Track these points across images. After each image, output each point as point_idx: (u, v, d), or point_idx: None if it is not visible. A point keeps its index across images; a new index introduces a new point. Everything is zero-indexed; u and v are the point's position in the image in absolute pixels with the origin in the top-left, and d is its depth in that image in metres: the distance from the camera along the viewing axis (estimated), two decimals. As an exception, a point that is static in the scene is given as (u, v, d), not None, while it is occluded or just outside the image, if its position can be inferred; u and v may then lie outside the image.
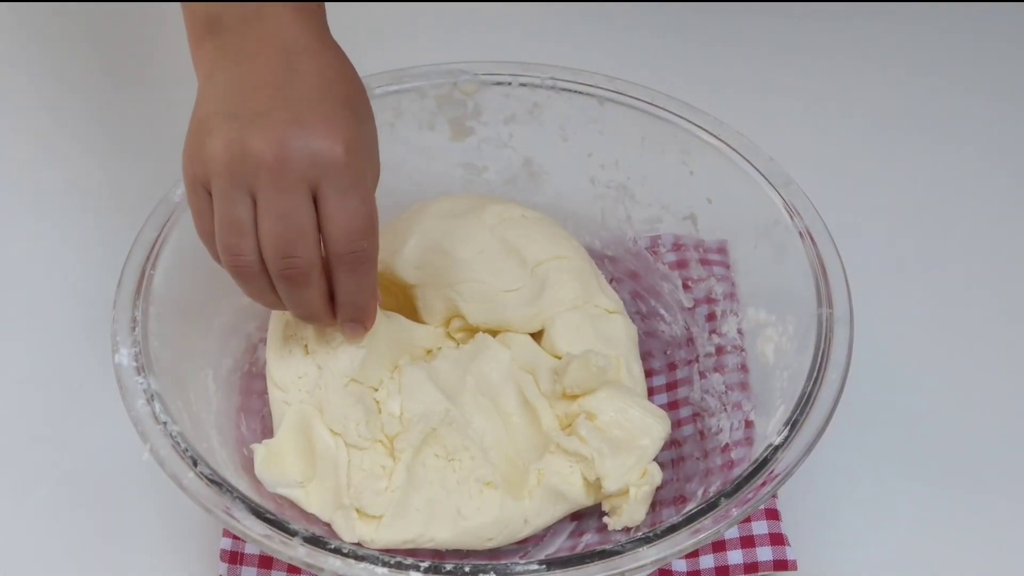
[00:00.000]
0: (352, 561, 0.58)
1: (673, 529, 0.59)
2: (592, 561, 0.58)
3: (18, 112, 0.94)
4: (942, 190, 0.90)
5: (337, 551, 0.58)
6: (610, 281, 0.79)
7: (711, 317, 0.76)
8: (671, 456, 0.72)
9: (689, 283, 0.78)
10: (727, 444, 0.69)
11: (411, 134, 0.79)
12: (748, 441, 0.68)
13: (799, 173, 0.72)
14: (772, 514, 0.69)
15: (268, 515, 0.59)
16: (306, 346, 0.71)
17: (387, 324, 0.72)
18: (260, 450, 0.68)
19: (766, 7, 1.01)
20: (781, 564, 0.68)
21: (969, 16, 1.02)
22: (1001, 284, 0.84)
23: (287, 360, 0.71)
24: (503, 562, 0.59)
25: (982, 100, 0.96)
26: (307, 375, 0.70)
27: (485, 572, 0.57)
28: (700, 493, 0.67)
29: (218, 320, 0.73)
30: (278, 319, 0.73)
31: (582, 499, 0.69)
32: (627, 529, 0.68)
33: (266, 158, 0.59)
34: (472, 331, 0.74)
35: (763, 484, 0.61)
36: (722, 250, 0.78)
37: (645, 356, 0.76)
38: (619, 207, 0.80)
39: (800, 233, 0.70)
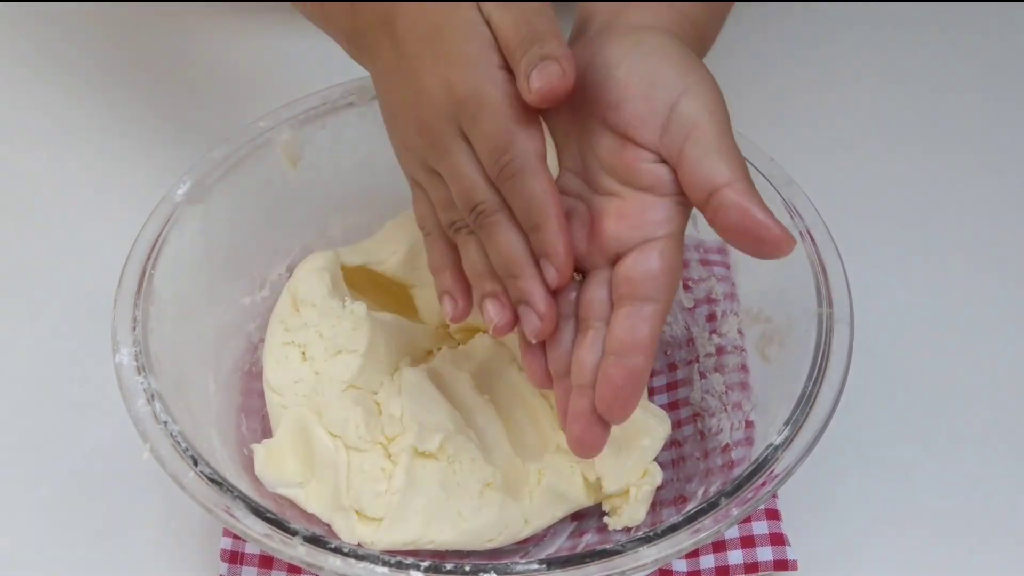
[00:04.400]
0: (352, 560, 0.57)
1: (673, 529, 0.59)
2: (592, 561, 0.58)
3: (18, 111, 0.93)
4: (943, 190, 0.90)
5: (337, 550, 0.58)
6: (610, 281, 0.79)
7: (711, 317, 0.76)
8: (671, 456, 0.72)
9: (689, 283, 0.78)
10: (727, 444, 0.69)
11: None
12: (748, 441, 0.68)
13: (799, 173, 0.72)
14: (772, 514, 0.69)
15: (268, 514, 0.59)
16: (303, 352, 0.71)
17: (386, 326, 0.72)
18: (260, 450, 0.68)
19: (766, 7, 1.01)
20: (781, 564, 0.68)
21: (969, 16, 1.02)
22: (1002, 283, 0.84)
23: (283, 365, 0.71)
24: (503, 562, 0.59)
25: (983, 100, 0.96)
26: (304, 380, 0.70)
27: (485, 572, 0.57)
28: (700, 493, 0.67)
29: (218, 320, 0.73)
30: (275, 324, 0.73)
31: (582, 499, 0.69)
32: (627, 529, 0.68)
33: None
34: (472, 331, 0.74)
35: (763, 484, 0.61)
36: (722, 250, 0.78)
37: (645, 356, 0.76)
38: (619, 207, 0.80)
39: (800, 233, 0.70)
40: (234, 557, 0.68)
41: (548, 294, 0.59)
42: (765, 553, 0.68)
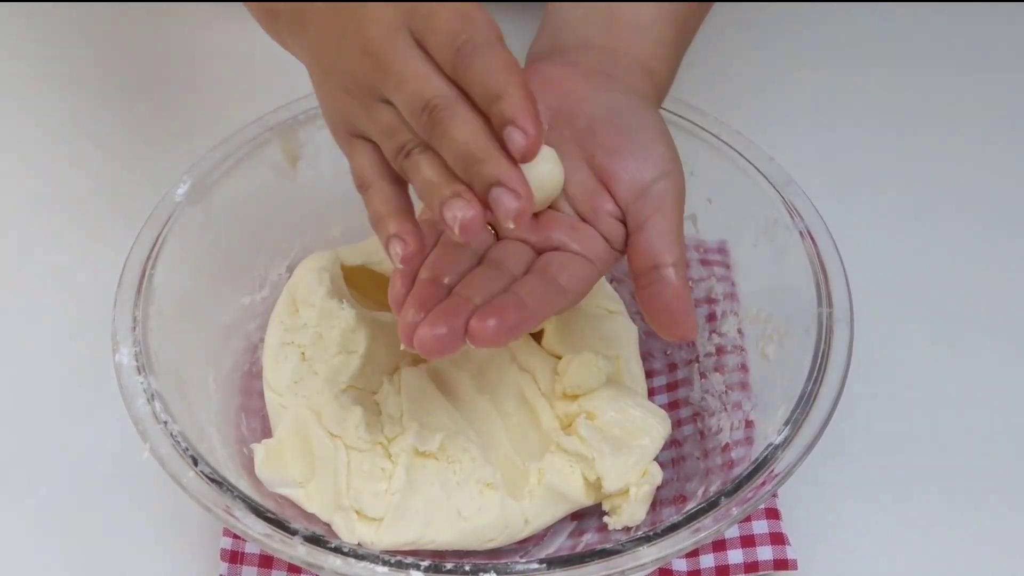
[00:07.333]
0: (352, 560, 0.57)
1: (673, 528, 0.59)
2: (592, 560, 0.58)
3: (17, 112, 0.94)
4: (943, 189, 0.90)
5: (337, 550, 0.58)
6: (610, 281, 0.79)
7: (711, 317, 0.76)
8: (671, 456, 0.72)
9: (690, 283, 0.77)
10: (727, 444, 0.69)
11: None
12: (748, 441, 0.68)
13: (799, 173, 0.73)
14: (772, 513, 0.69)
15: (268, 514, 0.59)
16: (303, 352, 0.71)
17: (386, 327, 0.72)
18: (260, 449, 0.68)
19: (766, 7, 1.01)
20: (781, 563, 0.68)
21: (970, 16, 1.02)
22: (1001, 283, 0.84)
23: (283, 365, 0.71)
24: (503, 561, 0.59)
25: (983, 99, 0.96)
26: (303, 380, 0.70)
27: (485, 571, 0.57)
28: (700, 492, 0.67)
29: (218, 320, 0.73)
30: (275, 324, 0.73)
31: (582, 499, 0.69)
32: (627, 528, 0.68)
33: None
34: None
35: (763, 483, 0.61)
36: (722, 250, 0.78)
37: (646, 356, 0.76)
38: (619, 207, 0.80)
39: (800, 233, 0.70)
40: (234, 557, 0.68)
41: (522, 174, 0.54)
42: (765, 552, 0.68)
